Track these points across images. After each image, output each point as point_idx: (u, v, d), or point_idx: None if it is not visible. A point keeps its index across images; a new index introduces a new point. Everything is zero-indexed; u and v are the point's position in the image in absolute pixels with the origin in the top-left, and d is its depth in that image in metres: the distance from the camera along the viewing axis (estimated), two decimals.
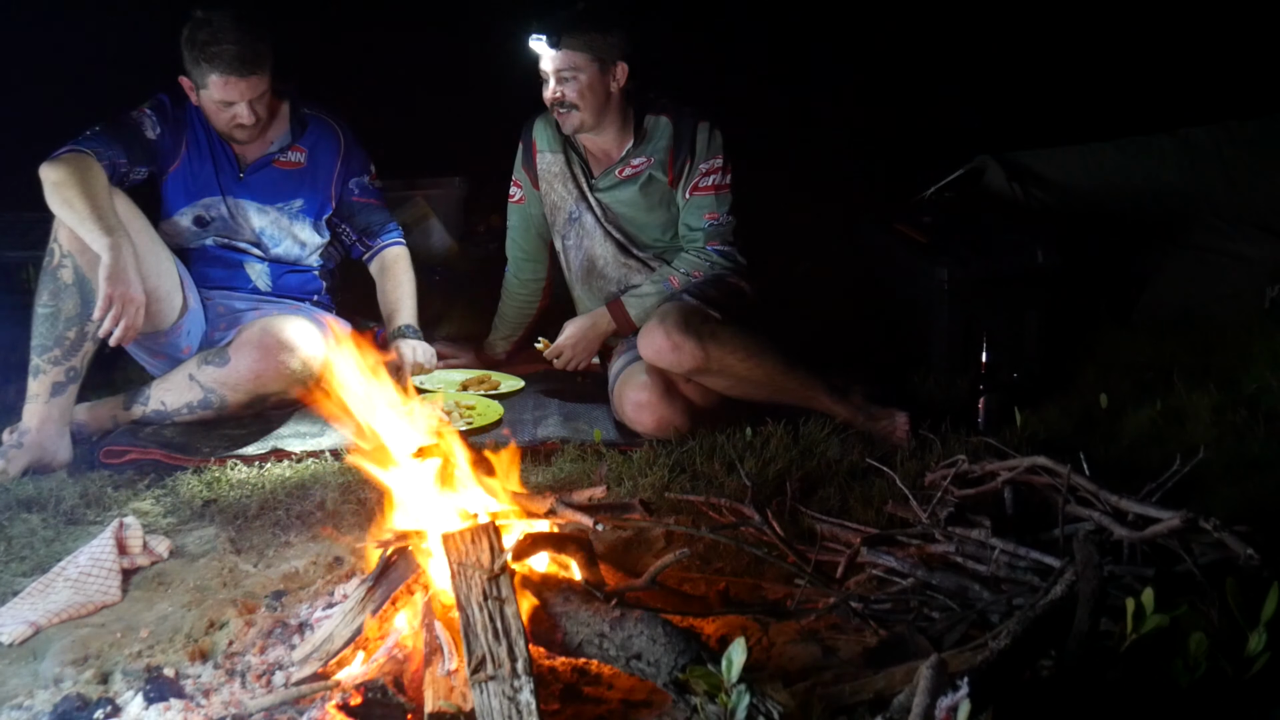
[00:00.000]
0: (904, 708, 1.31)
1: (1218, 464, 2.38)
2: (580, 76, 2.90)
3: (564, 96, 2.91)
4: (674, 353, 2.70)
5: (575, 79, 2.90)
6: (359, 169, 3.13)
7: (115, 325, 2.54)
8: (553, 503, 1.87)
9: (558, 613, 1.61)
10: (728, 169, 3.02)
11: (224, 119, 2.86)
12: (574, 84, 2.90)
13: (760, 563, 2.07)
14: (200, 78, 2.80)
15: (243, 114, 2.83)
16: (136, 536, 2.19)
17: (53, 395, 2.66)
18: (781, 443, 2.69)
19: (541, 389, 3.22)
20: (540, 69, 2.94)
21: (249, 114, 2.83)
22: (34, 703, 1.71)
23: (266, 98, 2.87)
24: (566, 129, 3.01)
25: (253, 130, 2.89)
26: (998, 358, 2.93)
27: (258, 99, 2.83)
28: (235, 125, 2.86)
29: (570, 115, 2.95)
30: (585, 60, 2.89)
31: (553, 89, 2.92)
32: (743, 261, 3.05)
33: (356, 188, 3.12)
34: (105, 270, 2.53)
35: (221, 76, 2.77)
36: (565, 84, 2.90)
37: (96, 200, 2.59)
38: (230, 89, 2.78)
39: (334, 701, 1.55)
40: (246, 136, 2.91)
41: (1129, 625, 1.49)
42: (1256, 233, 3.70)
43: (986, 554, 1.88)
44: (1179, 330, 3.39)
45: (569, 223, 3.16)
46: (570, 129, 3.00)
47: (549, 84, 2.93)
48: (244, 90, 2.79)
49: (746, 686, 1.33)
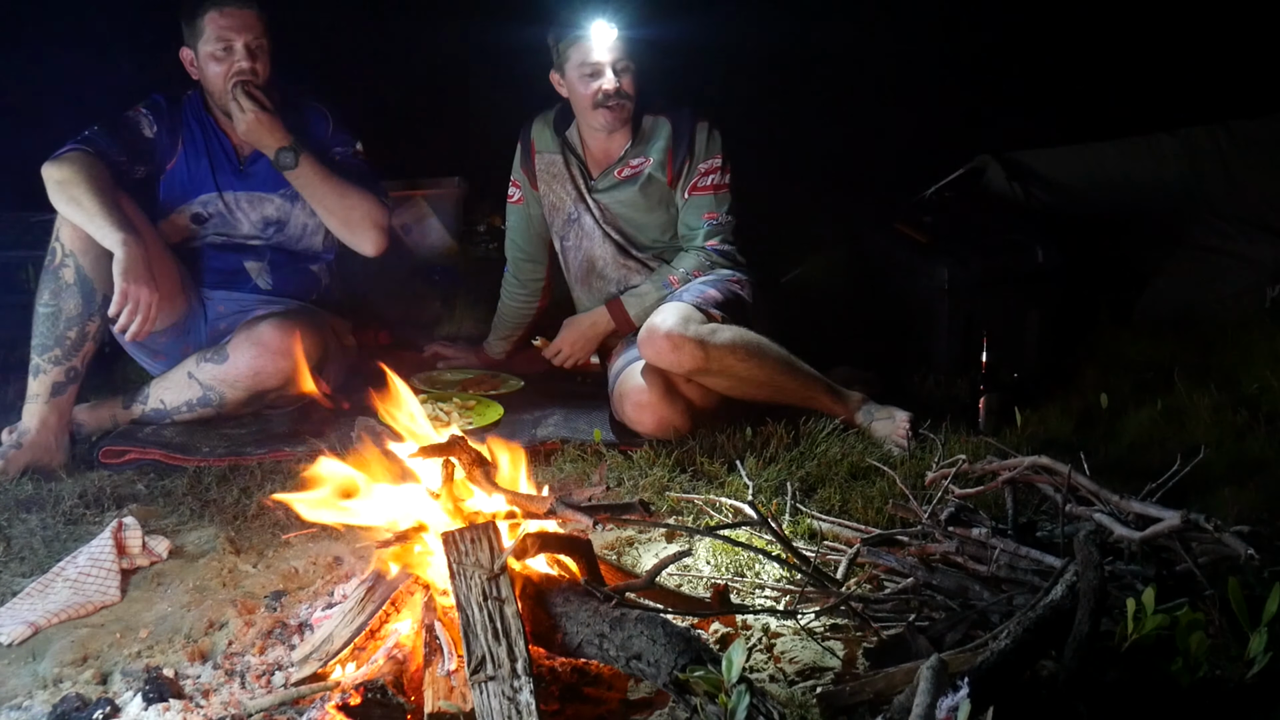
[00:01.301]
0: (904, 708, 1.31)
1: (1218, 464, 2.38)
2: (632, 67, 2.89)
3: (622, 87, 2.89)
4: (674, 353, 2.70)
5: (629, 70, 2.89)
6: (343, 141, 3.05)
7: (132, 321, 2.54)
8: (553, 503, 1.87)
9: (558, 613, 1.60)
10: (727, 169, 3.02)
11: (222, 71, 2.80)
12: (629, 75, 2.89)
13: (760, 563, 2.07)
14: (197, 29, 2.79)
15: (240, 55, 2.78)
16: (136, 537, 2.18)
17: (53, 395, 2.66)
18: (782, 443, 2.69)
19: (541, 389, 3.22)
20: (587, 61, 2.89)
21: (246, 57, 2.78)
22: (33, 703, 1.71)
23: (264, 54, 2.83)
24: (614, 125, 2.96)
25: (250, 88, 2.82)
26: (998, 358, 2.93)
27: (254, 43, 2.80)
28: (235, 75, 2.79)
29: (625, 108, 2.92)
30: (636, 51, 2.88)
31: (610, 80, 2.88)
32: (743, 261, 3.05)
33: (339, 154, 3.03)
34: (120, 266, 2.53)
35: (218, 10, 2.75)
36: (623, 75, 2.88)
37: (105, 197, 2.59)
38: (228, 21, 2.76)
39: (334, 702, 1.55)
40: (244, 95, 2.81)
41: (1129, 625, 1.49)
42: (1256, 233, 3.70)
43: (987, 554, 1.88)
44: (1179, 330, 3.39)
45: (568, 223, 3.16)
46: (619, 124, 2.96)
47: (604, 75, 2.88)
48: (240, 25, 2.77)
49: (746, 687, 1.33)
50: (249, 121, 2.78)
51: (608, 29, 2.85)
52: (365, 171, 3.04)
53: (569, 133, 3.11)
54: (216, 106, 2.91)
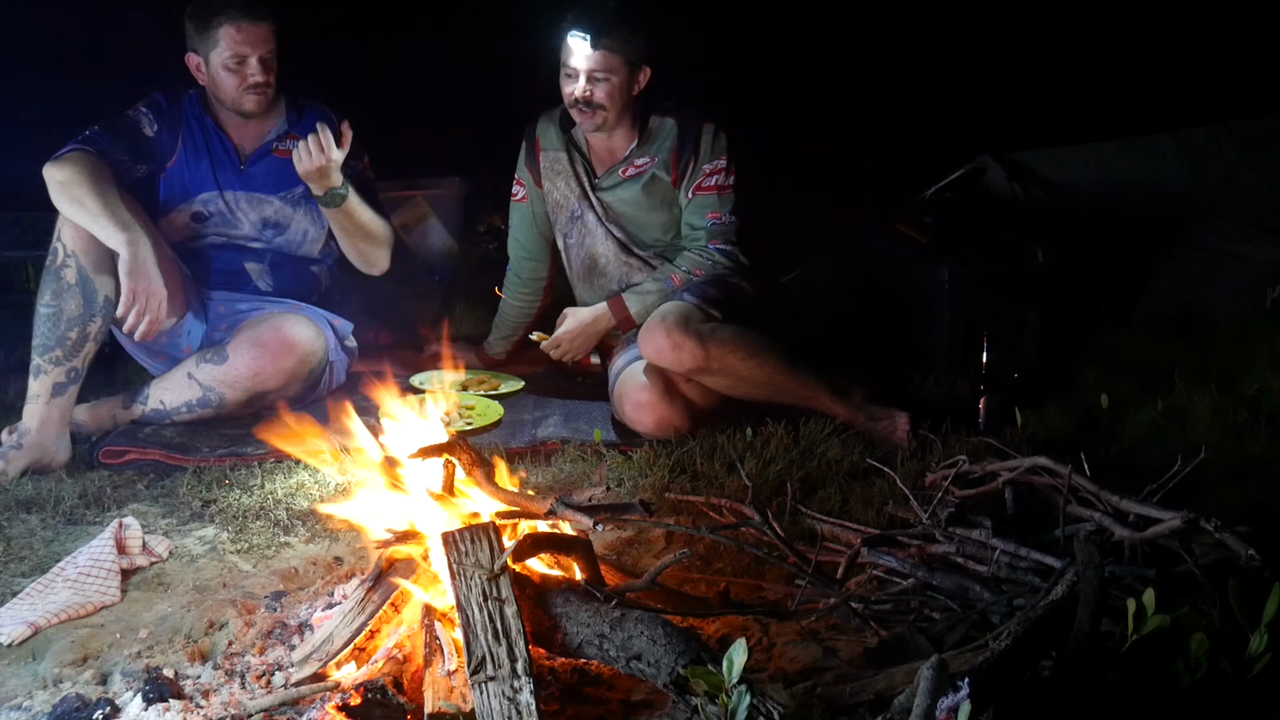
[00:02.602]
0: (904, 708, 1.31)
1: (1219, 464, 2.38)
2: (612, 79, 2.88)
3: (592, 96, 2.89)
4: (674, 352, 2.70)
5: (607, 80, 2.88)
6: (352, 154, 3.05)
7: (140, 321, 2.54)
8: (553, 503, 1.87)
9: (558, 613, 1.60)
10: (731, 170, 3.02)
11: (235, 82, 2.80)
12: (605, 85, 2.88)
13: (760, 563, 2.07)
14: (210, 39, 2.78)
15: (255, 69, 2.78)
16: (136, 537, 2.18)
17: (53, 395, 2.66)
18: (782, 443, 2.69)
19: (541, 389, 3.22)
20: (567, 64, 2.90)
21: (261, 70, 2.79)
22: (33, 703, 1.71)
23: (275, 63, 2.83)
24: (587, 128, 2.98)
25: (263, 95, 2.84)
26: (998, 358, 2.93)
27: (268, 55, 2.80)
28: (248, 87, 2.80)
29: (594, 115, 2.93)
30: (619, 62, 2.87)
31: (582, 87, 2.89)
32: (745, 261, 3.05)
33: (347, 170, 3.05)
34: (126, 266, 2.53)
35: (233, 24, 2.74)
36: (596, 84, 2.88)
37: (108, 197, 2.59)
38: (243, 36, 2.75)
39: (334, 702, 1.55)
40: (256, 104, 2.85)
41: (1130, 626, 1.49)
42: (1256, 233, 3.70)
43: (987, 554, 1.88)
44: (1179, 330, 3.39)
45: (571, 221, 3.16)
46: (590, 128, 2.98)
47: (578, 81, 2.89)
48: (255, 39, 2.76)
49: (747, 687, 1.33)
50: (316, 165, 2.77)
51: (580, 40, 2.85)
52: (371, 188, 3.05)
53: (574, 130, 3.11)
54: (223, 109, 2.91)
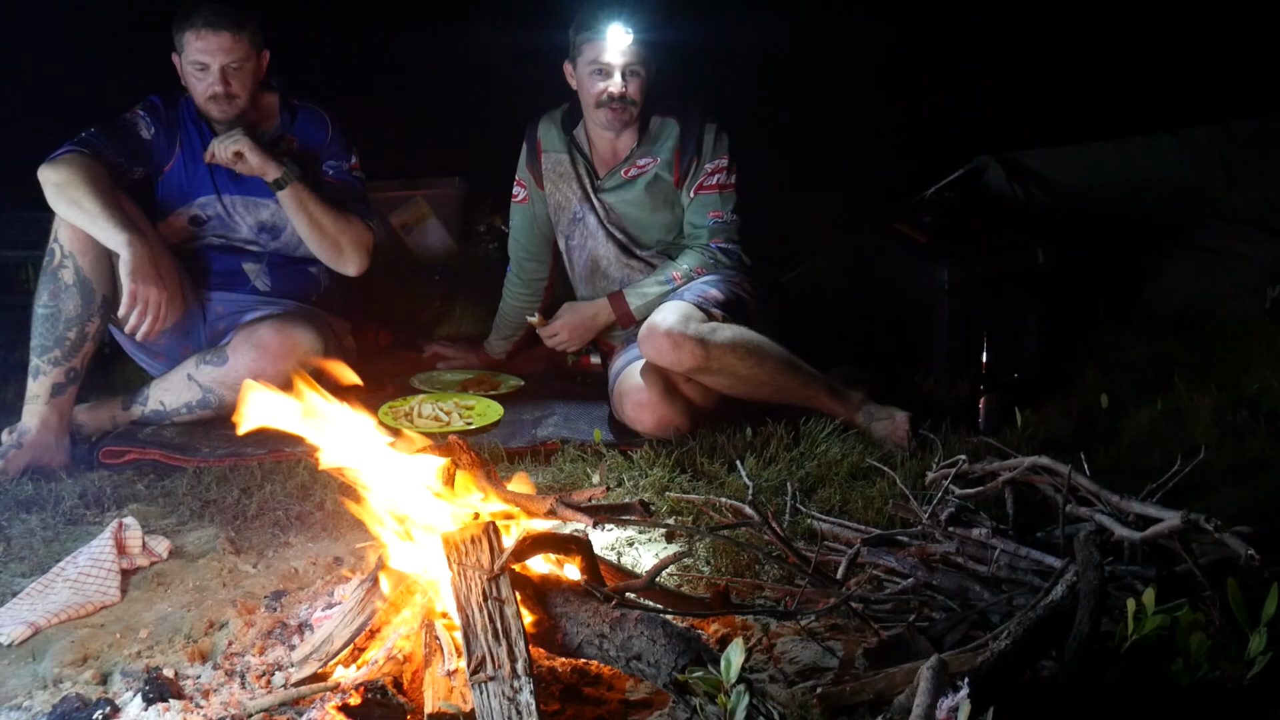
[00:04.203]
0: (904, 708, 1.31)
1: (1219, 464, 2.38)
2: (642, 72, 2.89)
3: (627, 91, 2.89)
4: (674, 351, 2.70)
5: (639, 75, 2.88)
6: (339, 154, 3.03)
7: (142, 322, 2.54)
8: (552, 503, 1.87)
9: (558, 613, 1.60)
10: (733, 169, 3.02)
11: (200, 89, 2.81)
12: (637, 80, 2.89)
13: (760, 563, 2.07)
14: (180, 43, 2.79)
15: (214, 78, 2.77)
16: (136, 537, 2.18)
17: (53, 396, 2.66)
18: (782, 443, 2.69)
19: (541, 389, 3.22)
20: (598, 60, 2.88)
21: (220, 81, 2.77)
22: (33, 703, 1.71)
23: (245, 74, 2.81)
24: (615, 126, 2.97)
25: (226, 105, 2.82)
26: (998, 358, 2.92)
27: (232, 66, 2.78)
28: (209, 97, 2.80)
29: (628, 111, 2.93)
30: (649, 56, 2.88)
31: (618, 84, 2.88)
32: (747, 261, 3.05)
33: (331, 169, 3.01)
34: (127, 266, 2.53)
35: (195, 32, 2.74)
36: (631, 79, 2.88)
37: (106, 199, 2.58)
38: (203, 44, 2.74)
39: (334, 702, 1.55)
40: (220, 111, 2.83)
41: (1130, 626, 1.49)
42: (1256, 233, 3.69)
43: (987, 554, 1.88)
44: (1179, 330, 3.39)
45: (573, 222, 3.16)
46: (620, 126, 2.97)
47: (612, 77, 2.88)
48: (215, 48, 2.74)
49: (746, 687, 1.33)
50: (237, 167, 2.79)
51: (623, 33, 2.84)
52: (356, 190, 3.02)
53: (576, 131, 3.11)
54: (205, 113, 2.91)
